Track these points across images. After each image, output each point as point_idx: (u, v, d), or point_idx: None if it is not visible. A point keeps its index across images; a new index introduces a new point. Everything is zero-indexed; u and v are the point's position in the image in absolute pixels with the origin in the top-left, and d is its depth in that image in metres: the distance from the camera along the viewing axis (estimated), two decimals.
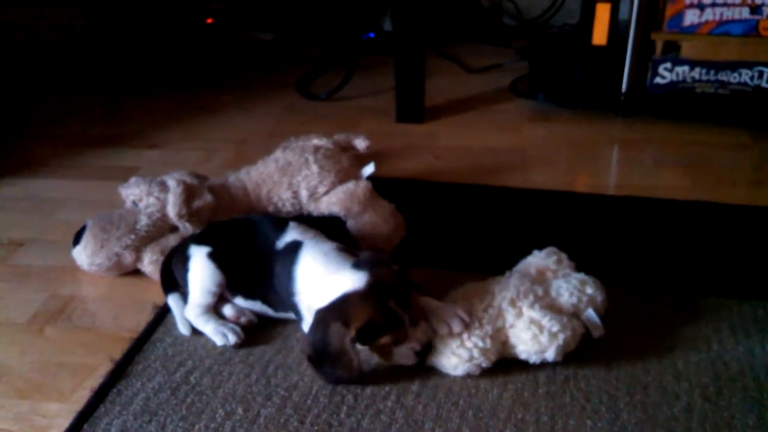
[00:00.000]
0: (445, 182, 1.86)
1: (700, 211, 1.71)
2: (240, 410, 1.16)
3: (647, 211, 1.71)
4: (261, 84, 2.54)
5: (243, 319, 1.33)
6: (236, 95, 2.45)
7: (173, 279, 1.38)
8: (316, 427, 1.13)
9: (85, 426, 1.15)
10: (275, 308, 1.31)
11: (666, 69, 2.09)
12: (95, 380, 1.24)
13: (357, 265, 1.17)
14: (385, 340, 1.16)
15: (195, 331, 1.32)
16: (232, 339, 1.29)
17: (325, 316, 1.14)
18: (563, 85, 2.26)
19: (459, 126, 2.20)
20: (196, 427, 1.13)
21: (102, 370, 1.27)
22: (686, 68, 2.07)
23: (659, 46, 2.09)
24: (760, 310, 1.36)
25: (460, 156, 2.02)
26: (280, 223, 1.33)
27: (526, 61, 2.54)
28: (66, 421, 1.16)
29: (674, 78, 2.09)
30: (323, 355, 1.15)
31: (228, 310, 1.34)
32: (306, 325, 1.22)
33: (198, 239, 1.36)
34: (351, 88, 2.41)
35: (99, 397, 1.20)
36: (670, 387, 1.19)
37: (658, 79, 2.11)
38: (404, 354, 1.18)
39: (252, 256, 1.30)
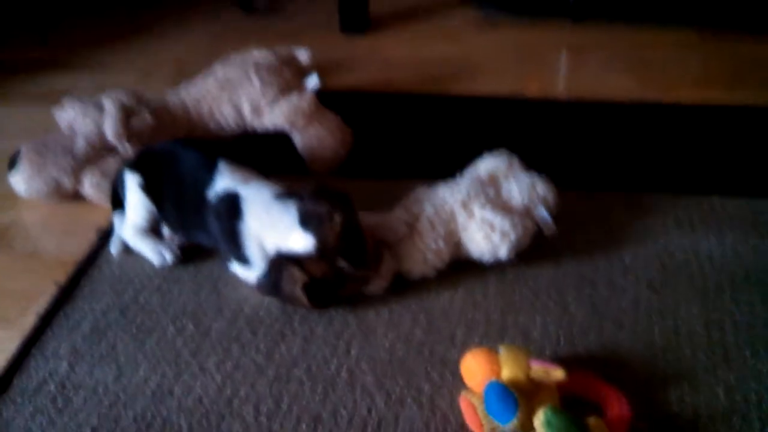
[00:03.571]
0: (392, 93, 1.83)
1: (648, 112, 1.71)
2: (191, 326, 1.15)
3: (596, 115, 1.71)
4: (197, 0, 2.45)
5: (177, 239, 1.31)
6: (174, 12, 2.36)
7: (120, 197, 1.34)
8: (269, 338, 1.12)
9: (33, 350, 1.13)
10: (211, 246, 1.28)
11: None
12: (41, 305, 1.22)
13: (304, 223, 1.11)
14: (345, 291, 1.15)
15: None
16: (168, 258, 1.27)
17: (280, 261, 1.11)
18: None
19: (405, 35, 2.16)
20: (147, 344, 1.12)
21: (47, 295, 1.24)
22: None
23: None
24: (705, 204, 1.39)
25: (407, 66, 1.98)
26: (209, 159, 1.25)
27: None
28: (13, 346, 1.13)
29: None
30: (276, 297, 1.15)
31: (165, 229, 1.32)
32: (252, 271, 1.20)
33: (132, 165, 1.31)
34: None
35: (45, 321, 1.18)
36: (617, 281, 1.21)
37: None
38: (374, 289, 1.18)
39: (182, 201, 1.25)
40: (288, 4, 2.33)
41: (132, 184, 1.29)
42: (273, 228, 1.14)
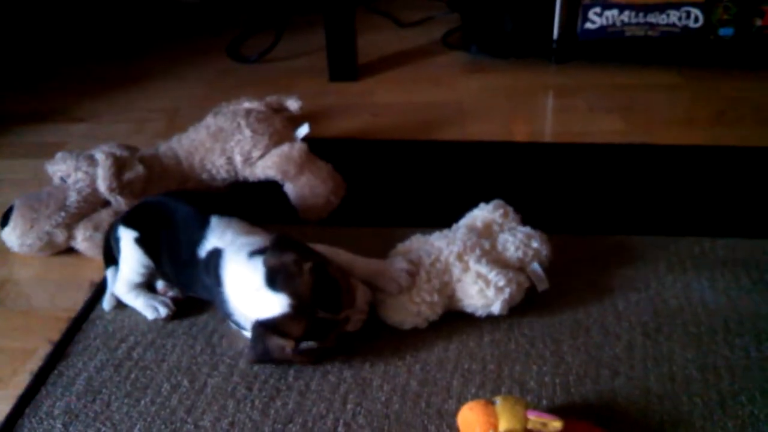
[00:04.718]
0: (383, 139, 1.84)
1: (636, 153, 1.73)
2: (186, 382, 1.15)
3: (584, 157, 1.73)
4: (190, 49, 2.47)
5: (170, 293, 1.30)
6: (165, 62, 2.38)
7: (112, 253, 1.34)
8: (264, 393, 1.12)
9: (27, 410, 1.11)
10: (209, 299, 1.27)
11: (596, 14, 2.10)
12: (34, 363, 1.21)
13: (271, 282, 1.08)
14: (330, 338, 1.13)
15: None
16: (162, 312, 1.26)
17: (262, 331, 1.09)
18: (495, 35, 2.26)
19: (394, 82, 2.19)
20: (142, 402, 1.11)
21: (41, 352, 1.23)
22: (615, 12, 2.08)
23: None
24: (696, 247, 1.40)
25: (397, 112, 2.00)
26: (202, 215, 1.24)
27: (457, 12, 2.52)
28: (7, 407, 1.12)
29: (604, 22, 2.10)
30: (270, 364, 1.14)
31: (159, 283, 1.31)
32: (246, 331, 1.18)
33: (126, 221, 1.30)
34: (283, 48, 2.37)
35: (39, 379, 1.17)
36: (611, 328, 1.22)
37: (588, 25, 2.11)
38: (355, 326, 1.17)
39: (178, 256, 1.24)
40: (278, 53, 2.35)
41: (127, 239, 1.28)
42: (245, 292, 1.12)
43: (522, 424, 0.95)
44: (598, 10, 2.09)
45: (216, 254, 1.18)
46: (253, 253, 1.14)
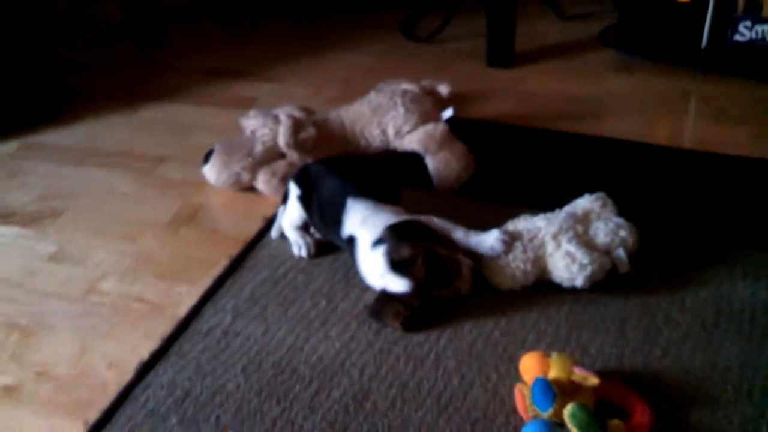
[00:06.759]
0: (520, 126, 2.06)
1: (756, 168, 1.83)
2: (324, 302, 1.49)
3: (706, 166, 1.86)
4: (367, 23, 2.77)
5: (317, 236, 1.62)
6: (343, 32, 2.71)
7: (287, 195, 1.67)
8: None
9: (207, 304, 1.51)
10: None
11: (746, 27, 2.17)
12: (216, 271, 1.59)
13: (394, 269, 1.38)
14: (444, 304, 1.43)
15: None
16: (302, 252, 1.60)
17: (385, 298, 1.40)
18: (648, 37, 2.38)
19: (546, 72, 2.36)
20: (289, 312, 1.48)
21: (222, 263, 1.61)
22: (766, 27, 2.15)
23: (742, 3, 2.16)
24: None
25: (541, 101, 2.19)
26: (343, 197, 1.51)
27: (618, 10, 2.64)
28: (194, 299, 1.53)
29: (754, 36, 2.17)
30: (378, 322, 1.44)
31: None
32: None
33: (296, 178, 1.62)
34: (451, 30, 2.60)
35: (218, 283, 1.56)
36: (674, 317, 1.42)
37: (737, 37, 2.19)
38: (463, 291, 1.44)
39: (324, 224, 1.56)
40: (444, 34, 2.59)
41: (293, 193, 1.62)
42: (373, 272, 1.44)
43: (567, 375, 1.20)
44: (748, 23, 2.16)
45: (352, 241, 1.48)
46: (375, 243, 1.42)
